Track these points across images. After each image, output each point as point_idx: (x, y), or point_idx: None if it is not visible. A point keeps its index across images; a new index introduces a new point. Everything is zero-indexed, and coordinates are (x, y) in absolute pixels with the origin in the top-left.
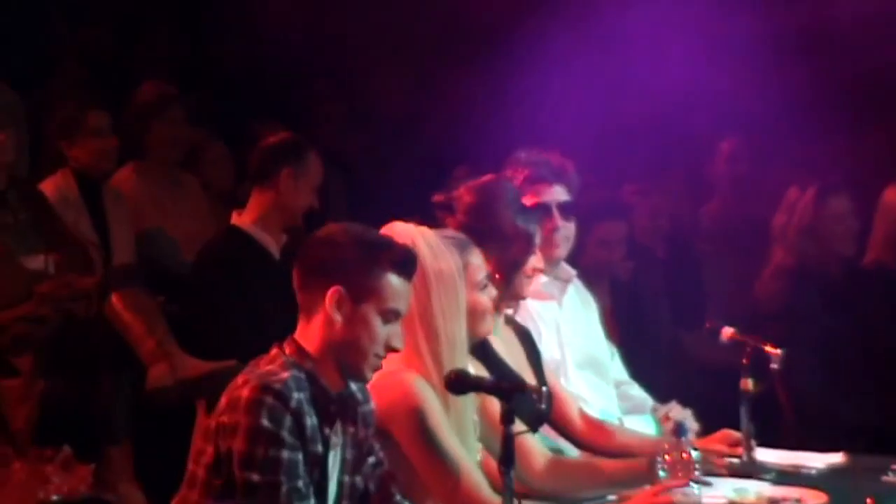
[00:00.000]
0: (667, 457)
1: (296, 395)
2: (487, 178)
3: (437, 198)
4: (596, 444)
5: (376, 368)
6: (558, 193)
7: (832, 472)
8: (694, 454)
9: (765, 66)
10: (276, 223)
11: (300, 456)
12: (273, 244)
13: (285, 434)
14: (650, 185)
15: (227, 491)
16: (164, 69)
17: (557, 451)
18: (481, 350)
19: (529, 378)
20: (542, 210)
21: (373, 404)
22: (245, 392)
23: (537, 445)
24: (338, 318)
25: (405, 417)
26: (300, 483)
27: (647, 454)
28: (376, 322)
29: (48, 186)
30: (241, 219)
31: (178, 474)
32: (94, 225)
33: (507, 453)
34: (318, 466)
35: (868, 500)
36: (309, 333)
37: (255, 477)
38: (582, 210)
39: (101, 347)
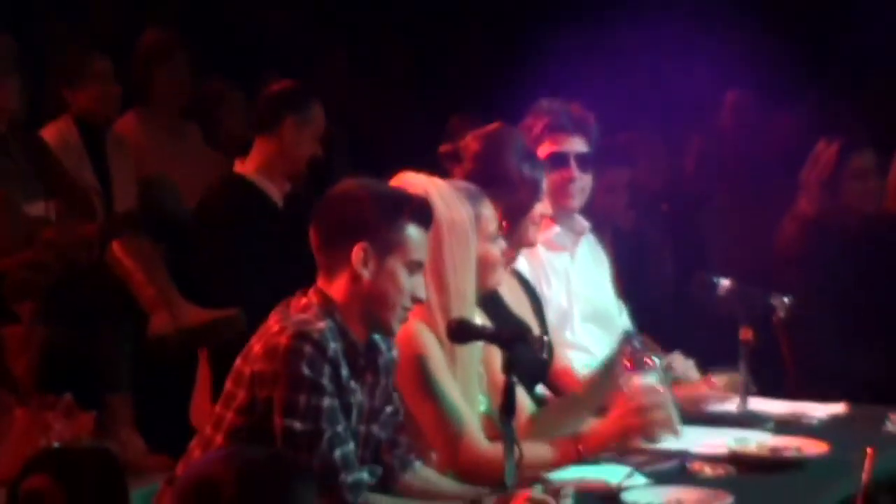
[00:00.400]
0: (626, 362)
1: (332, 344)
2: (494, 126)
3: (444, 148)
4: None
5: (403, 321)
6: (576, 144)
7: (833, 422)
8: (657, 360)
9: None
10: (280, 172)
11: (338, 402)
12: (276, 193)
13: (325, 381)
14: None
15: (257, 436)
16: (165, 17)
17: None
18: (491, 300)
19: (536, 329)
20: (559, 159)
21: (395, 352)
22: (283, 340)
23: (524, 401)
24: (365, 274)
25: (406, 365)
26: (340, 428)
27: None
28: (403, 274)
29: (49, 132)
30: (244, 167)
31: (178, 421)
32: (95, 171)
33: (508, 402)
34: (348, 417)
35: (868, 450)
36: (333, 290)
37: (297, 425)
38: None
39: (103, 295)
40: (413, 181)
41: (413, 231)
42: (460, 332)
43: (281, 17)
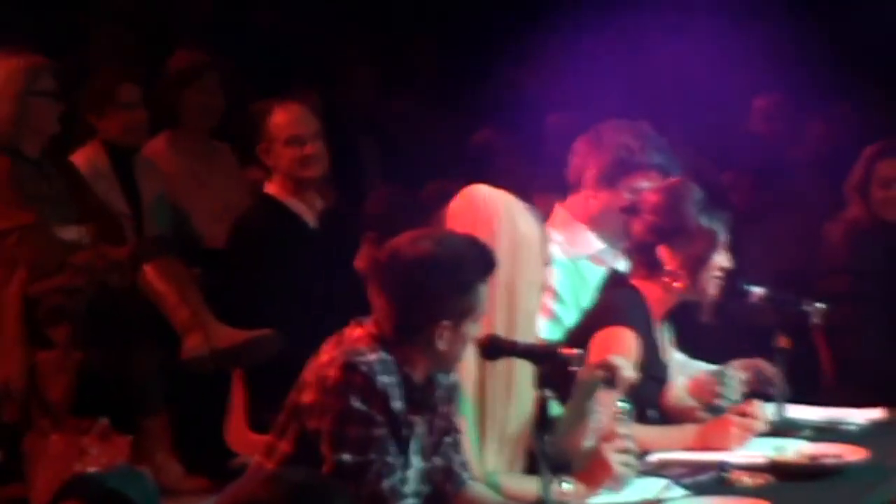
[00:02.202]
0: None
1: (382, 377)
2: (674, 179)
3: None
4: None
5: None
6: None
7: (872, 428)
8: (622, 405)
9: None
10: (299, 189)
11: (388, 432)
12: (307, 211)
13: (374, 413)
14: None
15: (310, 466)
16: (196, 34)
17: None
18: None
19: None
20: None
21: (455, 376)
22: (332, 372)
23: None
24: (441, 345)
25: None
26: (389, 458)
27: None
28: (472, 331)
29: (79, 158)
30: (273, 187)
31: (214, 444)
32: (125, 196)
33: (541, 418)
34: (402, 451)
35: None
36: (399, 349)
37: (346, 457)
38: None
39: (136, 318)
40: (486, 194)
41: (482, 289)
42: (492, 349)
43: (309, 32)
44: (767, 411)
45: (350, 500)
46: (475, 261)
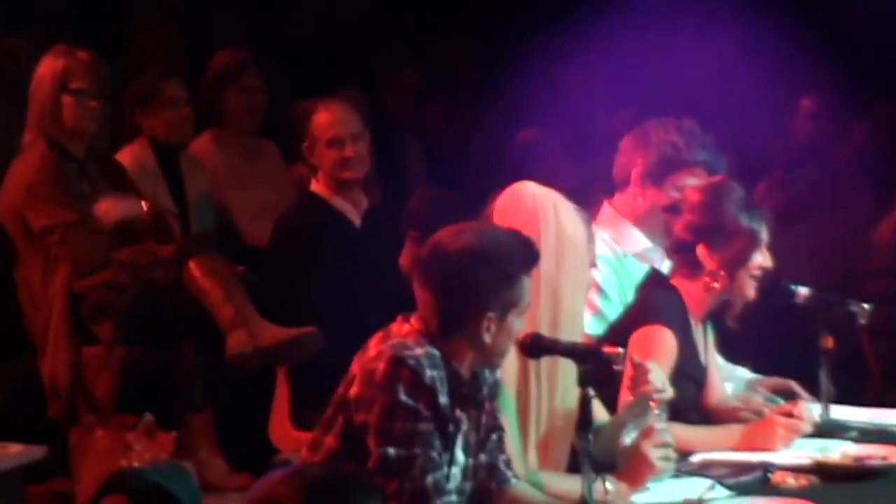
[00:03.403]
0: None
1: (429, 371)
2: (715, 178)
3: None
4: None
5: (507, 354)
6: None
7: None
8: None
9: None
10: (342, 188)
11: (434, 427)
12: (352, 210)
13: (421, 407)
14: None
15: (353, 460)
16: (237, 37)
17: None
18: None
19: None
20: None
21: (498, 373)
22: (380, 365)
23: (721, 386)
24: (487, 338)
25: None
26: (434, 453)
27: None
28: (516, 323)
29: (125, 156)
30: (318, 185)
31: (258, 440)
32: (171, 193)
33: (584, 416)
34: (447, 447)
35: None
36: (445, 343)
37: (392, 451)
38: None
39: (181, 315)
40: (534, 191)
41: (525, 281)
42: (534, 347)
43: (353, 34)
44: (813, 412)
45: (375, 494)
46: (517, 252)
